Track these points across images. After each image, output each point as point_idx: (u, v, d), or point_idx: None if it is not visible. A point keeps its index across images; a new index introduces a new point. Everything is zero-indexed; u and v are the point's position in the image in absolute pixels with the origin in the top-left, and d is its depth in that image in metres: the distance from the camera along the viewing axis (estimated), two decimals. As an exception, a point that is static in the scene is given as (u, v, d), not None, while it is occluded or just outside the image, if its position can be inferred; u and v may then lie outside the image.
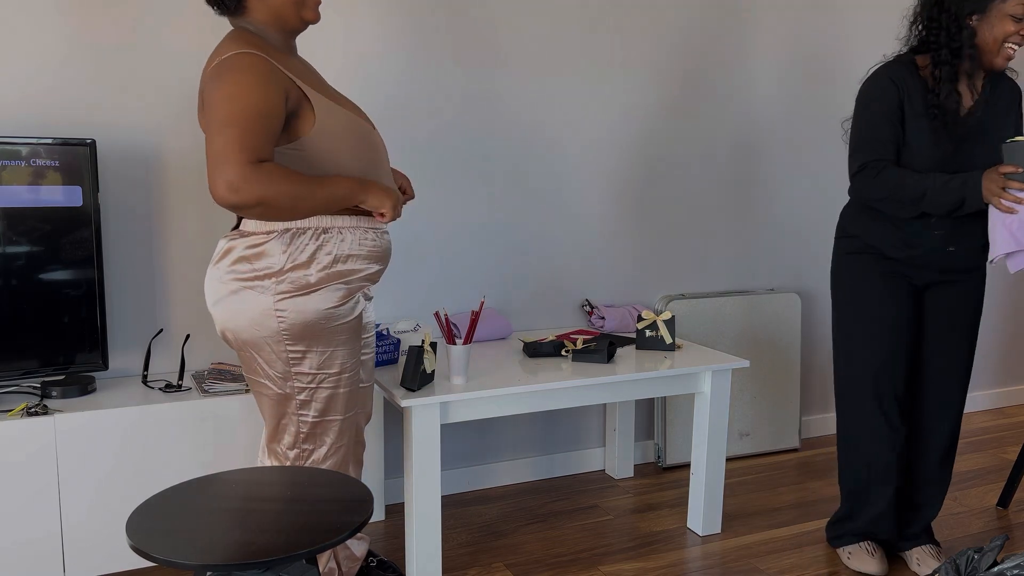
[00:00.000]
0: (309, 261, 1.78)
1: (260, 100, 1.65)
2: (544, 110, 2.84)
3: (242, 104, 1.64)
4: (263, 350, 1.81)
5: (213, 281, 1.81)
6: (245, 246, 1.77)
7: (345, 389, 1.89)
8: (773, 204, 3.28)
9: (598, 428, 3.08)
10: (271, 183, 1.63)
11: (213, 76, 1.69)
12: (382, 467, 2.64)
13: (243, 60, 1.68)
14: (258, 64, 1.68)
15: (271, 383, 1.84)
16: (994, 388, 3.94)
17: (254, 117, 1.64)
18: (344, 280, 1.83)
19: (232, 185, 1.60)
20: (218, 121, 1.63)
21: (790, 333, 3.26)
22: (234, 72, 1.67)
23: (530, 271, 2.91)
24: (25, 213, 2.10)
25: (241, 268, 1.77)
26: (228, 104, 1.64)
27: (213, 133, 1.64)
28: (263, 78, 1.68)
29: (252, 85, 1.65)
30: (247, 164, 1.61)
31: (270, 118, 1.66)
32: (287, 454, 1.89)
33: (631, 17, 2.91)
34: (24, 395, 2.23)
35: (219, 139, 1.62)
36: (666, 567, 2.38)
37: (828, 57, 3.28)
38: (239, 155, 1.61)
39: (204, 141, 2.41)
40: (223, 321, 1.82)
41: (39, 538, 2.07)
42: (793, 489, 2.94)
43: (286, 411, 1.86)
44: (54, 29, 2.25)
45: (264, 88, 1.67)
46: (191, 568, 1.26)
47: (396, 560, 2.40)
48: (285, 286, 1.76)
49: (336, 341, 1.84)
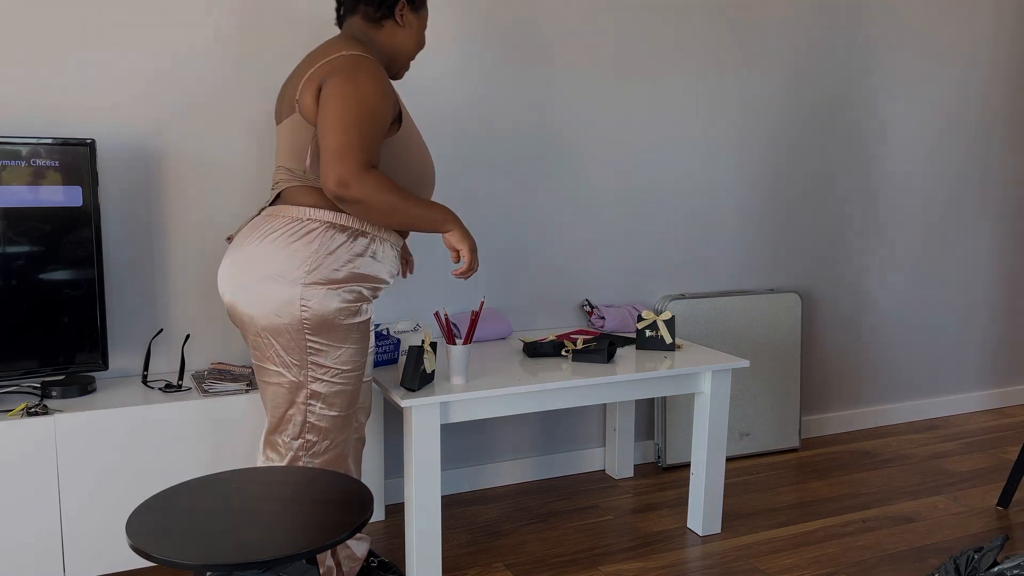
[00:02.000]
0: (341, 257, 1.84)
1: (379, 107, 1.79)
2: (544, 110, 2.84)
3: (366, 109, 1.76)
4: (282, 336, 1.83)
5: (242, 262, 1.84)
6: (283, 232, 1.83)
7: (353, 387, 1.93)
8: (772, 204, 3.28)
9: (598, 428, 3.08)
10: (376, 189, 1.75)
11: (338, 71, 1.79)
12: (382, 467, 2.64)
13: (368, 64, 1.81)
14: (379, 72, 1.82)
15: (286, 371, 1.86)
16: (994, 388, 3.94)
17: (372, 122, 1.77)
18: (366, 284, 1.89)
19: (343, 181, 1.73)
20: (341, 118, 1.75)
21: (790, 333, 3.26)
22: (360, 73, 1.79)
23: (530, 271, 2.91)
24: (25, 213, 2.10)
25: (275, 255, 1.81)
26: (354, 104, 1.76)
27: (335, 129, 1.74)
28: (384, 87, 1.81)
29: (375, 93, 1.79)
30: (361, 166, 1.74)
31: (383, 126, 1.81)
32: (291, 444, 1.91)
33: (628, 18, 2.91)
34: (24, 395, 2.23)
35: (341, 136, 1.74)
36: (666, 567, 2.38)
37: (818, 56, 3.28)
38: (356, 155, 1.74)
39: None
40: (247, 304, 1.84)
41: (39, 538, 2.07)
42: (793, 489, 2.94)
43: (295, 400, 1.88)
44: (54, 29, 2.25)
45: (384, 97, 1.81)
46: (191, 568, 1.26)
47: (396, 560, 2.40)
48: (314, 277, 1.81)
49: (351, 338, 1.89)
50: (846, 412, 3.58)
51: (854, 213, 3.46)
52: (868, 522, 2.68)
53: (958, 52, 3.54)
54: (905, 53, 3.43)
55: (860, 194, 3.45)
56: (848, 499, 2.86)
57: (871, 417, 3.63)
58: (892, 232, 3.55)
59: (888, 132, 3.47)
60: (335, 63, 1.81)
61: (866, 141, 3.43)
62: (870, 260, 3.52)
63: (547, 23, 2.80)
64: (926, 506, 2.81)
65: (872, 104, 3.41)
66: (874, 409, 3.64)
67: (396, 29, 1.97)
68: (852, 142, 3.40)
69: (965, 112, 3.61)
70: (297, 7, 2.48)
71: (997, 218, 3.78)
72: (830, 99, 3.32)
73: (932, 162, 3.58)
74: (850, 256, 3.48)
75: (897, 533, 2.60)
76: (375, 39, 1.96)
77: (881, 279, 3.56)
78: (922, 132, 3.54)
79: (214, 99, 2.42)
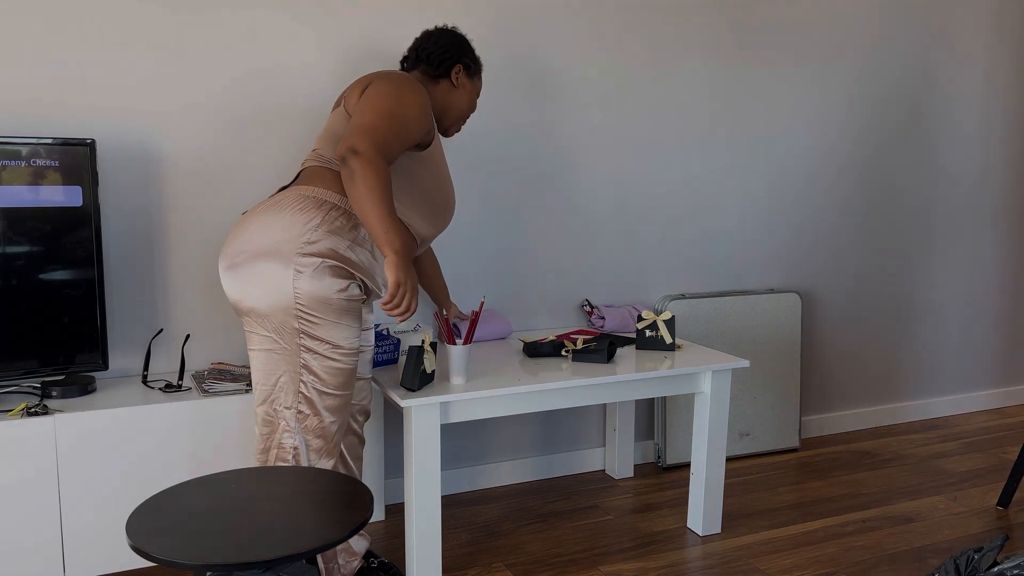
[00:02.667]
0: (343, 238, 1.89)
1: (413, 114, 1.92)
2: (544, 110, 2.84)
3: (401, 109, 1.90)
4: (276, 308, 1.87)
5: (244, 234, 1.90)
6: (288, 206, 1.89)
7: (347, 366, 1.95)
8: (772, 204, 3.28)
9: (598, 428, 3.08)
10: (371, 174, 1.80)
11: (385, 76, 1.96)
12: (382, 467, 2.64)
13: (414, 81, 1.99)
14: (423, 92, 1.99)
15: (278, 337, 1.89)
16: (994, 388, 3.94)
17: (403, 123, 1.89)
18: (359, 273, 1.92)
19: (354, 147, 1.81)
20: (375, 106, 1.88)
21: (790, 333, 3.26)
22: (405, 82, 1.95)
23: (530, 271, 2.91)
24: (25, 213, 2.10)
25: (275, 224, 1.87)
26: (391, 101, 1.89)
27: (368, 111, 1.86)
28: (423, 103, 1.97)
29: (414, 103, 1.93)
30: (377, 151, 1.82)
31: (412, 133, 1.92)
32: (283, 414, 1.92)
33: (630, 19, 2.91)
34: (24, 395, 2.23)
35: (375, 119, 1.85)
36: (666, 567, 2.38)
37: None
38: (379, 139, 1.83)
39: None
40: (242, 277, 1.88)
41: (39, 538, 2.07)
42: (793, 489, 2.94)
43: (287, 368, 1.90)
44: (54, 29, 2.25)
45: (421, 109, 1.95)
46: (191, 568, 1.26)
47: (396, 560, 2.40)
48: (311, 249, 1.85)
49: (345, 317, 1.91)
50: (846, 412, 3.58)
51: (854, 213, 3.46)
52: (868, 522, 2.68)
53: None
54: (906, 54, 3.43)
55: (860, 194, 3.46)
56: (848, 499, 2.86)
57: (871, 417, 3.63)
58: (892, 232, 3.55)
59: (888, 132, 3.47)
60: (387, 72, 1.99)
61: (867, 141, 3.43)
62: (870, 260, 3.52)
63: (549, 23, 2.80)
64: (926, 506, 2.81)
65: (873, 105, 3.41)
66: (874, 409, 3.64)
67: (451, 89, 2.17)
68: (852, 142, 3.40)
69: (965, 114, 3.61)
70: (297, 7, 2.48)
71: (997, 218, 3.78)
72: (830, 99, 3.32)
73: (931, 162, 3.58)
74: (850, 256, 3.48)
75: (897, 533, 2.60)
76: (431, 92, 2.15)
77: (881, 279, 3.56)
78: (923, 131, 3.54)
79: (214, 99, 2.42)
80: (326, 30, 2.52)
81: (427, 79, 2.16)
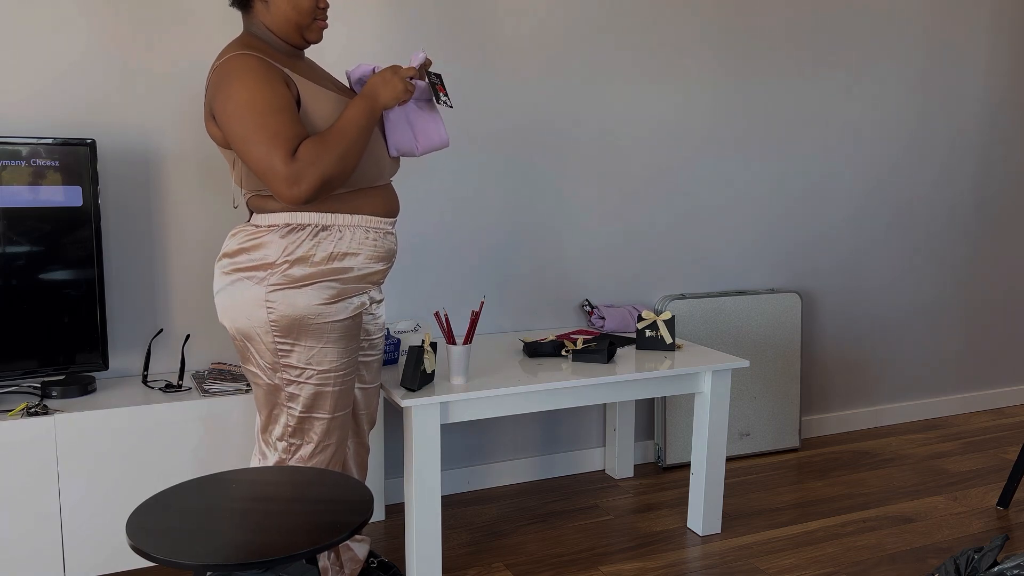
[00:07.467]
0: (304, 256, 1.82)
1: (270, 96, 1.71)
2: (544, 110, 2.84)
3: (256, 109, 1.69)
4: (254, 340, 1.85)
5: (217, 270, 1.88)
6: (246, 236, 1.84)
7: (335, 388, 1.90)
8: (773, 204, 3.28)
9: (598, 428, 3.08)
10: (319, 160, 1.69)
11: (217, 84, 1.75)
12: (382, 467, 2.64)
13: (239, 62, 1.73)
14: (253, 63, 1.73)
15: (262, 373, 1.87)
16: (994, 388, 3.94)
17: (271, 114, 1.69)
18: (337, 278, 1.85)
19: (289, 182, 1.68)
20: (241, 136, 1.70)
21: (790, 333, 3.26)
22: (235, 77, 1.72)
23: (530, 271, 2.91)
24: (25, 213, 2.10)
25: (240, 259, 1.83)
26: (244, 114, 1.69)
27: (245, 147, 1.70)
28: (262, 75, 1.73)
29: (256, 87, 1.71)
30: (289, 158, 1.68)
31: (284, 109, 1.71)
32: (276, 445, 1.92)
33: (631, 20, 2.91)
34: (24, 395, 2.23)
35: (253, 151, 1.69)
36: (666, 567, 2.38)
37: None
38: (278, 154, 1.68)
39: (210, 142, 2.42)
40: (222, 309, 1.88)
41: (39, 538, 2.07)
42: (793, 489, 2.94)
43: (276, 402, 1.89)
44: (54, 29, 2.25)
45: (268, 84, 1.72)
46: (191, 568, 1.26)
47: (396, 560, 2.40)
48: (277, 278, 1.81)
49: (327, 339, 1.86)
50: (846, 412, 3.58)
51: (854, 213, 3.46)
52: (868, 522, 2.68)
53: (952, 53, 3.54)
54: (902, 54, 3.43)
55: (860, 194, 3.45)
56: (848, 499, 2.86)
57: (871, 417, 3.63)
58: (892, 232, 3.55)
59: (888, 132, 3.47)
60: (211, 81, 1.78)
61: (869, 142, 3.43)
62: (870, 260, 3.52)
63: (550, 23, 2.80)
64: (926, 506, 2.81)
65: (872, 106, 3.41)
66: (874, 409, 3.64)
67: (262, 6, 1.85)
68: (852, 142, 3.40)
69: (964, 113, 3.61)
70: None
71: (997, 218, 3.78)
72: (830, 99, 3.32)
73: (931, 162, 3.58)
74: (850, 256, 3.48)
75: (897, 533, 2.60)
76: (253, 24, 1.86)
77: (881, 279, 3.56)
78: (922, 131, 3.54)
79: (214, 99, 2.42)
80: (326, 30, 2.52)
81: (245, 15, 1.87)
